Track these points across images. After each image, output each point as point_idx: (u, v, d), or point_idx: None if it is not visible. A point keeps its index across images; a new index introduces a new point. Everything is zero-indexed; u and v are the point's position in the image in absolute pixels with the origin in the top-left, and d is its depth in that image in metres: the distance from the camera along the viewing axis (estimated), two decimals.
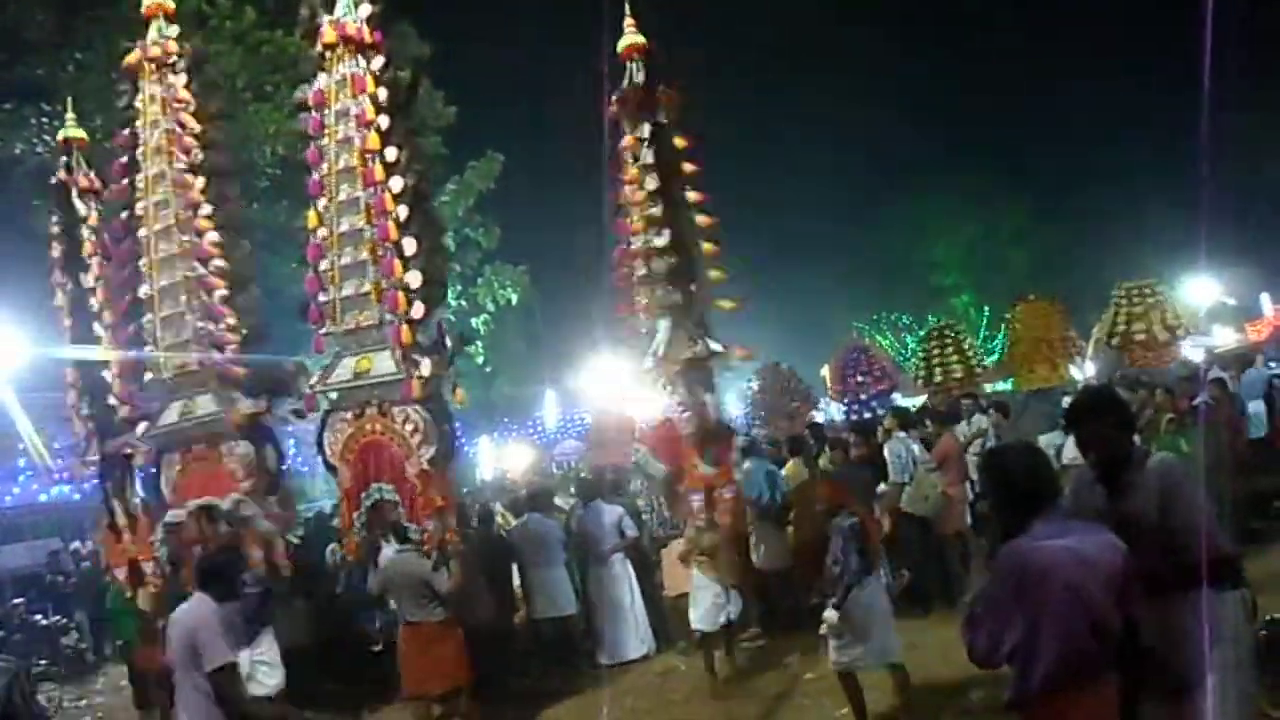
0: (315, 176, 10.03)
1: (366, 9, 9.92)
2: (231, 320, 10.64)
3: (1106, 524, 4.07)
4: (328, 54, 10.03)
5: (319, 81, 10.10)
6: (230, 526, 9.98)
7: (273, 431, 11.06)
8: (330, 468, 9.99)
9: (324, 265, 9.96)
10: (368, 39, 9.92)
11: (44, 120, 19.62)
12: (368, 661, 10.46)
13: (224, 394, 10.51)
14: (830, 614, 6.86)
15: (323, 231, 9.99)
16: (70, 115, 12.27)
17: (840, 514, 7.22)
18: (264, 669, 8.06)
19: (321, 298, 9.94)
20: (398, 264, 9.46)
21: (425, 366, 9.30)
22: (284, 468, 11.06)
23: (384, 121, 9.69)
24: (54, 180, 11.86)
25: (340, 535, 10.49)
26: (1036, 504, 3.97)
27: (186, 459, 10.59)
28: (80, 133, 12.17)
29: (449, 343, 9.86)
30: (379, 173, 9.58)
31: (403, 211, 9.56)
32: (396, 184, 9.56)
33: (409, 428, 9.39)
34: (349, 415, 9.71)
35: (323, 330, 9.93)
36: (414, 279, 9.45)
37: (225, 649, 5.59)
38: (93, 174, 11.95)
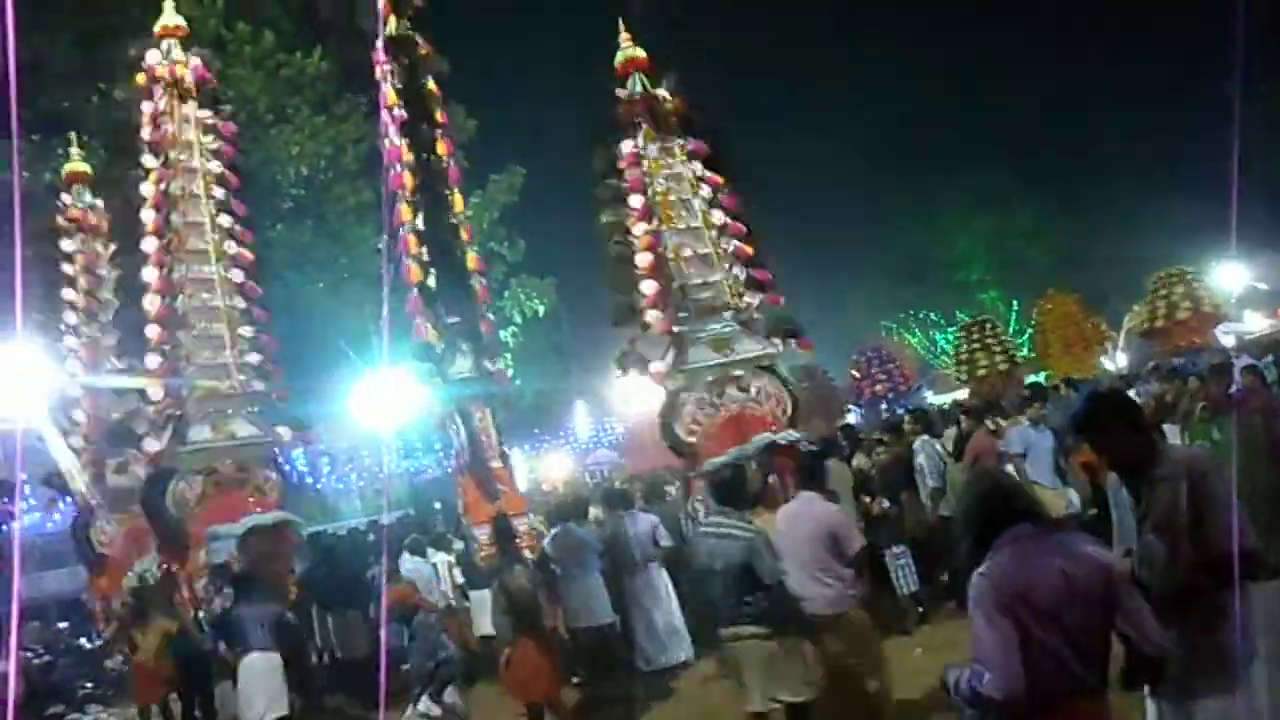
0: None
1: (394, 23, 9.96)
2: (273, 348, 10.80)
3: (1138, 525, 4.04)
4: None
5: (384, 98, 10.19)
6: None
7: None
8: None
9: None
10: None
11: (70, 151, 19.89)
12: (396, 678, 10.51)
13: (262, 420, 10.66)
14: None
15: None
16: (75, 149, 12.42)
17: None
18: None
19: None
20: (414, 268, 9.60)
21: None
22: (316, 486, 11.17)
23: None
24: (59, 212, 12.03)
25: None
26: (993, 531, 3.91)
27: (211, 479, 10.67)
28: (84, 167, 12.33)
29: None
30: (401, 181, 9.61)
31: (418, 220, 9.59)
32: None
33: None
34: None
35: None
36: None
37: None
38: (100, 208, 12.06)
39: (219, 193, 11.28)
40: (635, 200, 10.67)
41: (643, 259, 10.57)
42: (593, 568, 10.07)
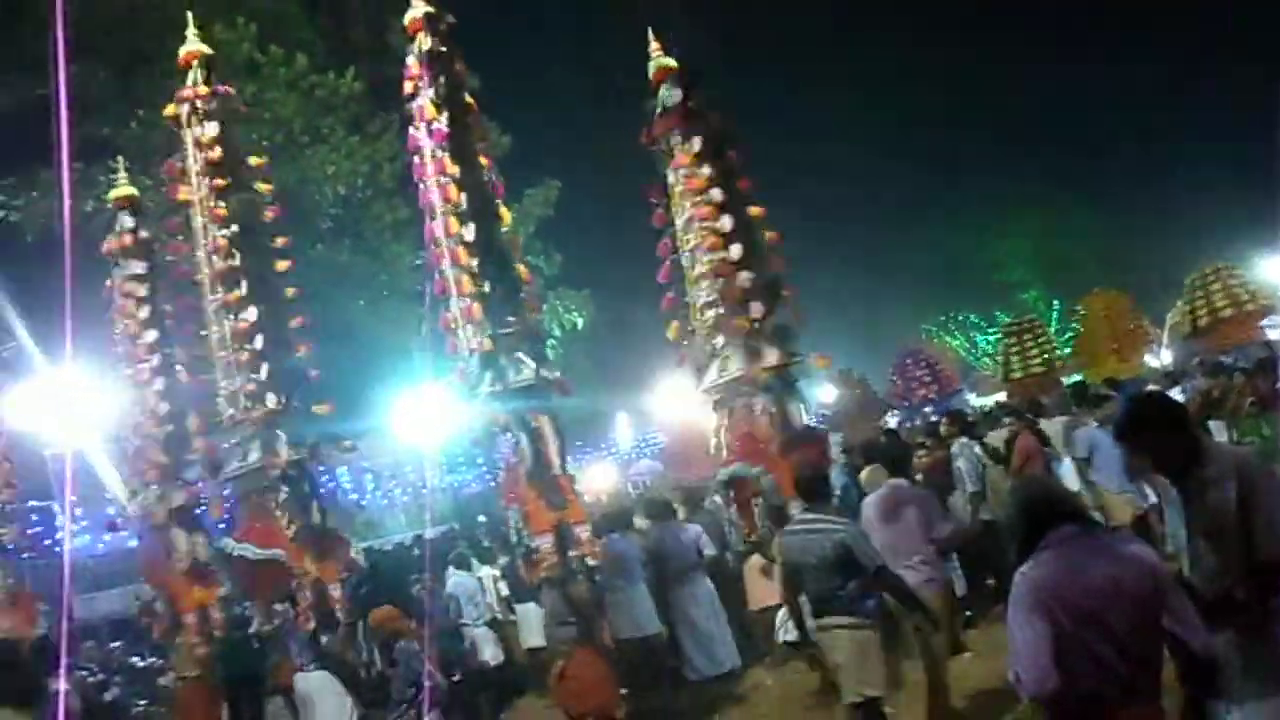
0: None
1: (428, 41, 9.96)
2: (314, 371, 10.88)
3: (1187, 527, 3.98)
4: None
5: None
6: None
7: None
8: None
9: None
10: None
11: (113, 178, 20.20)
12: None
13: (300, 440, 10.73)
14: None
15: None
16: (123, 173, 12.57)
17: None
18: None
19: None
20: (467, 280, 9.45)
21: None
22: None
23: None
24: (109, 237, 12.16)
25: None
26: (1038, 534, 3.91)
27: (248, 503, 10.79)
28: (132, 190, 12.47)
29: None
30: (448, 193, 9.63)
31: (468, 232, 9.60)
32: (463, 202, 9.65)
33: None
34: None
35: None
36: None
37: None
38: (140, 231, 12.21)
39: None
40: (681, 208, 10.58)
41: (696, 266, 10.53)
42: (638, 578, 10.08)
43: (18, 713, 5.52)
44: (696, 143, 10.38)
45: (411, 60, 9.83)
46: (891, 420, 27.56)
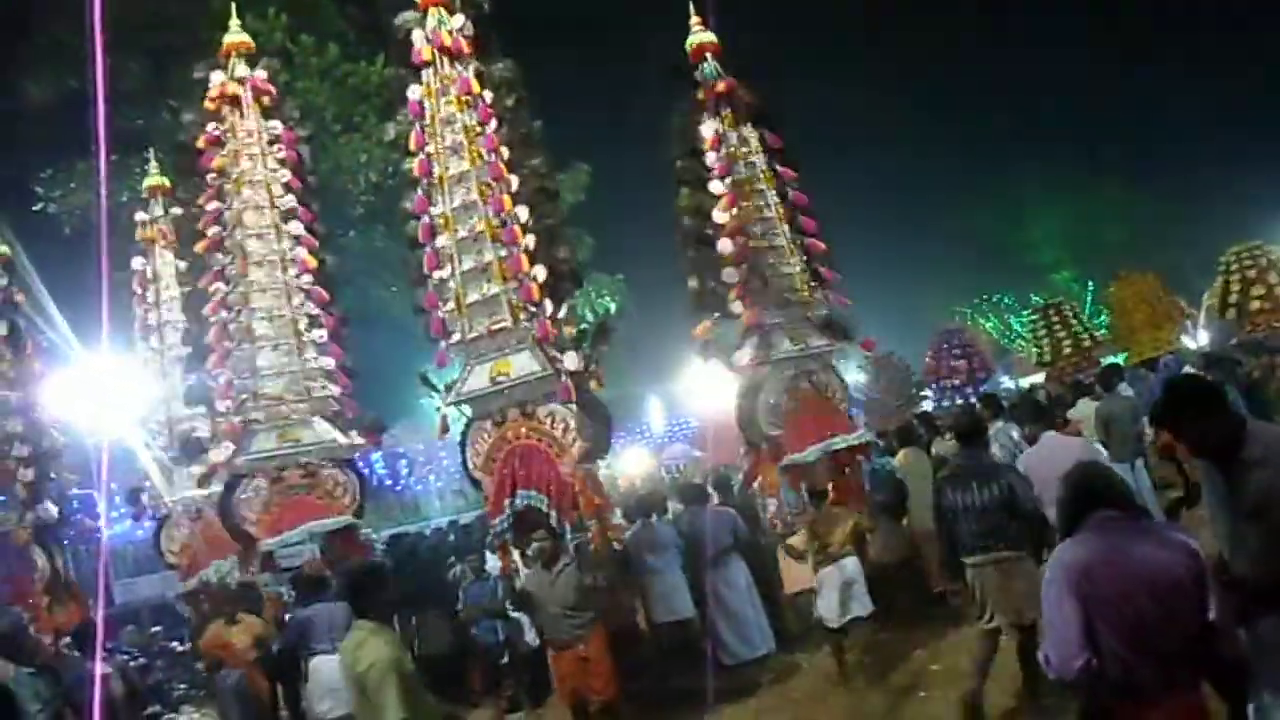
0: (420, 192, 10.09)
1: (460, 19, 10.00)
2: (339, 356, 10.98)
3: (1230, 510, 3.92)
4: (425, 67, 10.13)
5: (413, 93, 10.13)
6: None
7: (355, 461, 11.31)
8: (474, 482, 9.91)
9: (443, 274, 9.95)
10: (465, 49, 9.98)
11: (146, 168, 20.41)
12: (496, 674, 10.66)
13: (333, 425, 10.84)
14: None
15: (442, 239, 9.98)
16: (154, 164, 12.71)
17: None
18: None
19: (447, 307, 9.93)
20: (524, 259, 9.42)
21: (570, 360, 9.27)
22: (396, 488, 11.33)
23: (493, 124, 9.78)
24: (140, 226, 12.31)
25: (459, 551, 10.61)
26: (1082, 510, 3.91)
27: (277, 486, 10.87)
28: (164, 180, 12.62)
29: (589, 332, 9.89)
30: (501, 171, 9.67)
31: (522, 212, 9.60)
32: (513, 182, 9.66)
33: (559, 427, 9.28)
34: (488, 424, 9.62)
35: (450, 341, 9.87)
36: (540, 272, 9.39)
37: None
38: (174, 220, 12.37)
39: (286, 202, 11.48)
40: (718, 186, 10.59)
41: (725, 245, 10.49)
42: (673, 562, 10.09)
43: None
44: (740, 122, 10.46)
45: (418, 36, 9.85)
46: (926, 404, 27.41)
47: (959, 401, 24.63)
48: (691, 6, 10.84)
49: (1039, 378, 25.57)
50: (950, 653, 8.86)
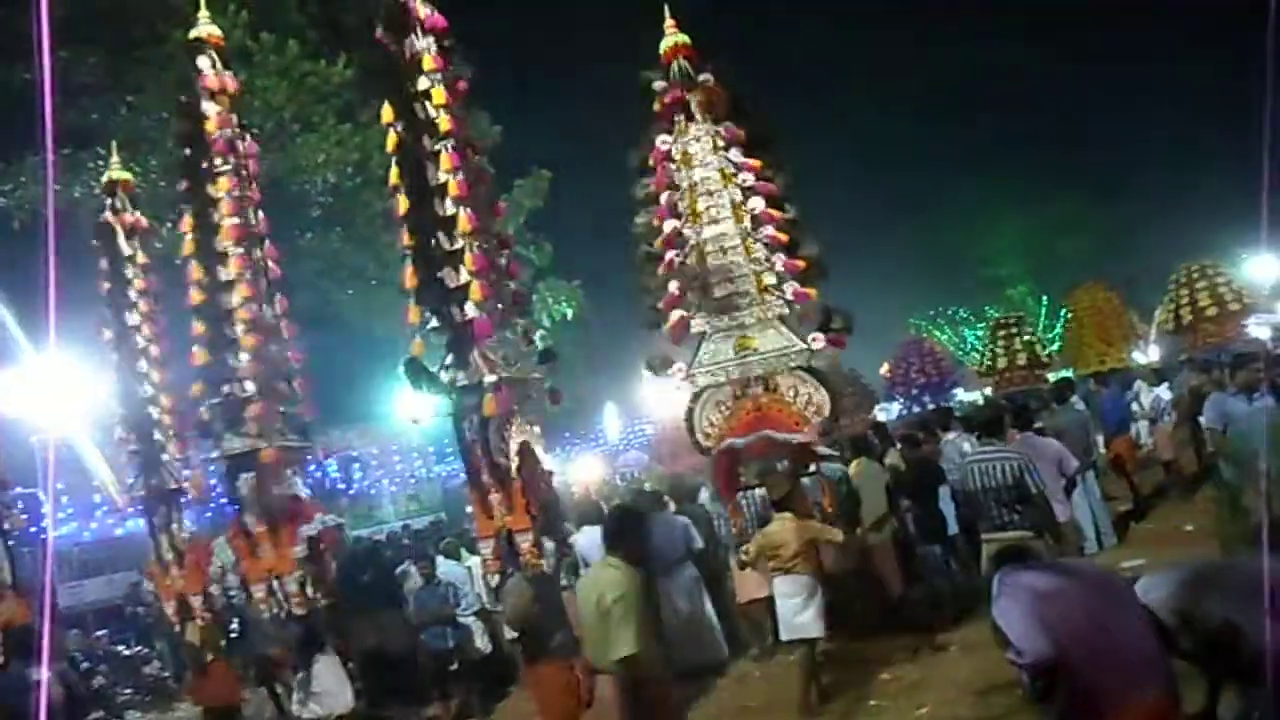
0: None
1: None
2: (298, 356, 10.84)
3: None
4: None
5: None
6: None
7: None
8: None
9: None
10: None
11: (100, 164, 20.09)
12: (443, 681, 10.59)
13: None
14: None
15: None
16: (115, 158, 12.52)
17: None
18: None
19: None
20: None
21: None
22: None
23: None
24: (101, 221, 12.11)
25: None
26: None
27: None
28: (125, 174, 12.42)
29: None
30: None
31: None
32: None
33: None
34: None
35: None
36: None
37: None
38: (139, 214, 12.18)
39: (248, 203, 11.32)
40: (662, 198, 10.57)
41: (666, 257, 10.47)
42: None
43: None
44: (702, 122, 10.46)
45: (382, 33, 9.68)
46: (889, 413, 27.64)
47: (919, 410, 24.83)
48: (666, 9, 10.80)
49: (990, 390, 25.85)
50: (902, 663, 8.92)
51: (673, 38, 10.71)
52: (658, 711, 5.66)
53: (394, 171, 9.06)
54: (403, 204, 8.94)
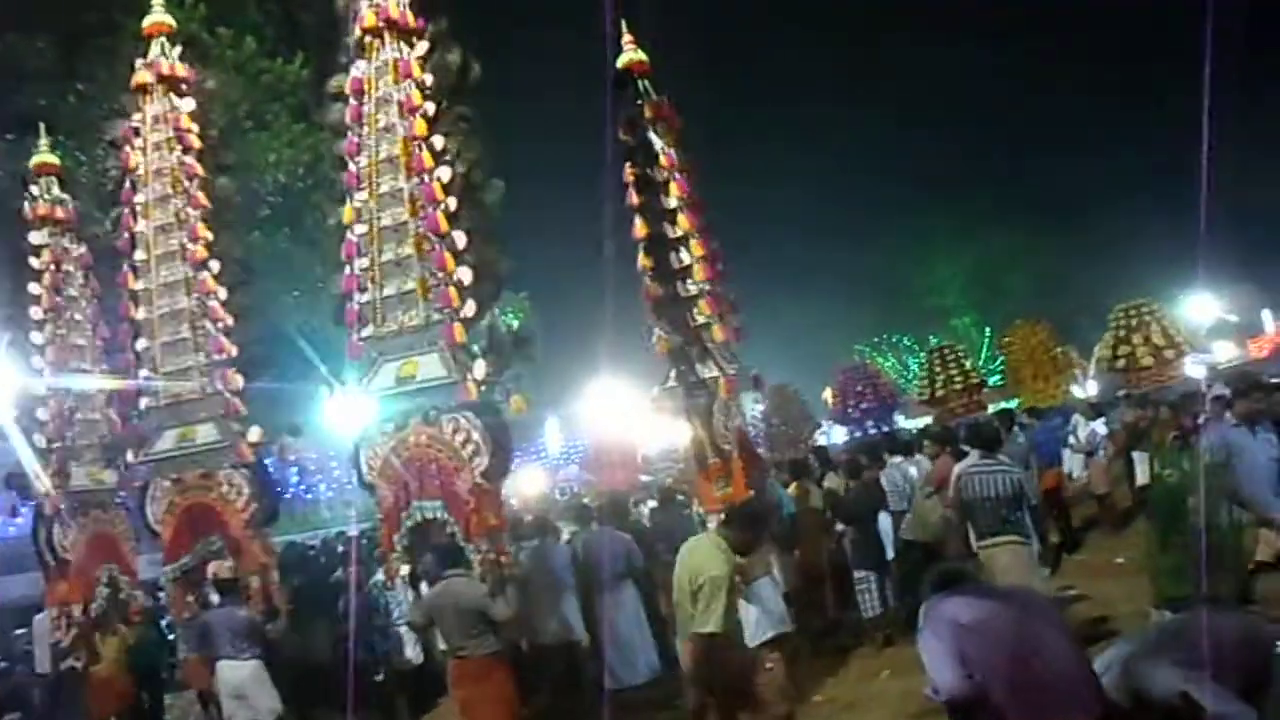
0: (353, 169, 9.40)
1: None
2: (234, 351, 10.65)
3: None
4: (367, 39, 9.53)
5: (357, 69, 9.55)
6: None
7: (264, 461, 10.96)
8: (368, 487, 9.20)
9: (363, 264, 9.29)
10: (411, 23, 9.66)
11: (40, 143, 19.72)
12: (368, 690, 10.45)
13: (225, 424, 10.52)
14: None
15: (361, 228, 9.34)
16: (44, 141, 12.29)
17: None
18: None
19: (361, 298, 9.24)
20: (448, 258, 8.83)
21: (479, 369, 8.73)
22: (284, 496, 10.77)
23: (430, 107, 9.24)
24: (23, 207, 11.87)
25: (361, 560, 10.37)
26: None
27: (179, 487, 10.54)
28: (52, 159, 12.20)
29: (505, 344, 9.27)
30: (427, 160, 9.05)
31: (452, 202, 8.98)
32: (445, 173, 9.04)
33: (459, 438, 8.68)
34: (389, 427, 8.97)
35: (362, 334, 9.19)
36: (465, 274, 8.80)
37: None
38: (57, 204, 11.93)
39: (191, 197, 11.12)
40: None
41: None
42: (566, 584, 10.03)
43: None
44: (658, 144, 10.45)
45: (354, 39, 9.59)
46: (835, 437, 27.83)
47: (863, 434, 25.03)
48: (624, 26, 10.79)
49: (930, 418, 26.14)
50: (835, 685, 8.97)
51: (630, 55, 10.71)
52: (731, 679, 6.14)
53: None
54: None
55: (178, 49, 11.12)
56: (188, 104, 10.86)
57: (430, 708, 10.77)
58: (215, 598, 9.48)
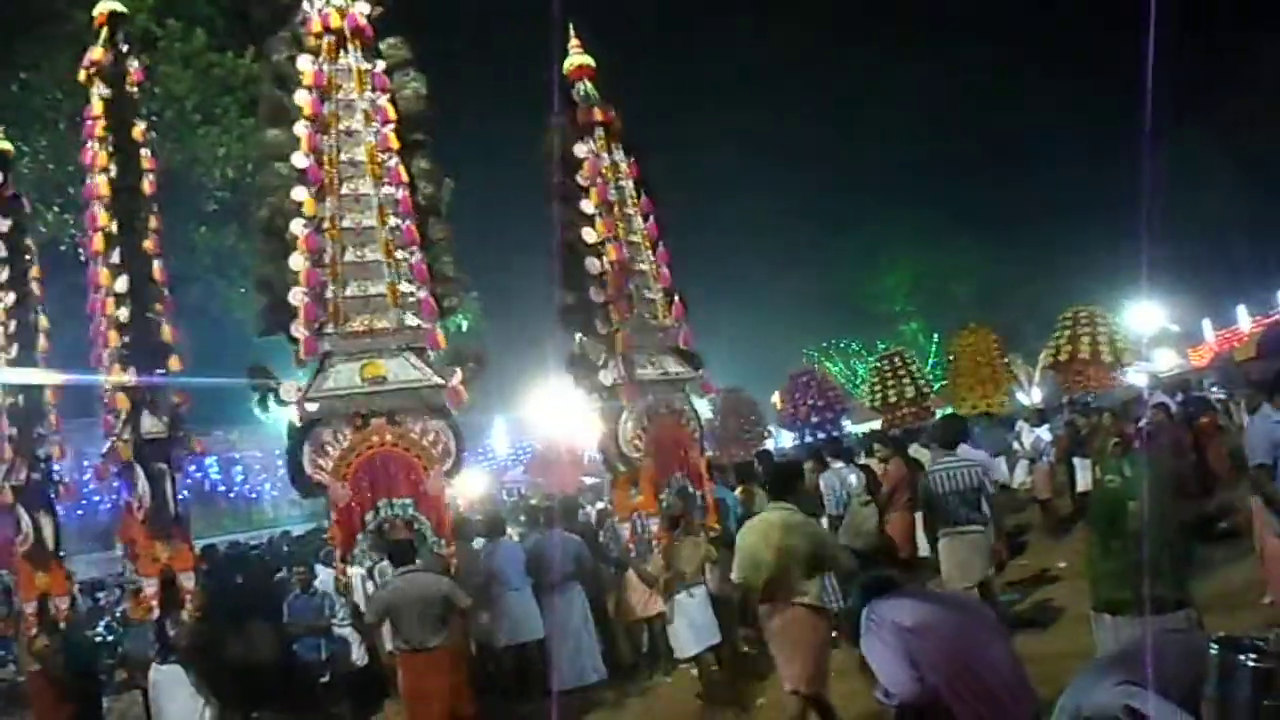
0: (311, 162, 9.26)
1: (365, 7, 9.71)
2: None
3: None
4: (326, 40, 9.56)
5: (314, 63, 9.51)
6: None
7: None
8: (312, 485, 9.07)
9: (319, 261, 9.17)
10: (372, 37, 9.71)
11: None
12: (313, 693, 10.36)
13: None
14: None
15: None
16: None
17: None
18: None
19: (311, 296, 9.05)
20: (424, 268, 9.25)
21: (457, 376, 9.21)
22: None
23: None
24: None
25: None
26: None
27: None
28: (4, 145, 11.91)
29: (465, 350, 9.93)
30: (403, 173, 9.39)
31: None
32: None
33: (429, 438, 9.07)
34: (346, 427, 8.99)
35: (324, 330, 9.08)
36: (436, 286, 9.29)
37: None
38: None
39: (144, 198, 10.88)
40: (589, 205, 10.31)
41: (594, 264, 10.32)
42: (519, 586, 10.03)
43: None
44: (605, 146, 10.50)
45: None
46: (784, 441, 27.92)
47: (814, 439, 25.14)
48: (571, 29, 10.82)
49: (877, 423, 26.32)
50: (774, 689, 9.00)
51: (576, 59, 10.74)
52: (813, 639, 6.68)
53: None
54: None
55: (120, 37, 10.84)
56: (103, 90, 10.44)
57: (376, 710, 10.68)
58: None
